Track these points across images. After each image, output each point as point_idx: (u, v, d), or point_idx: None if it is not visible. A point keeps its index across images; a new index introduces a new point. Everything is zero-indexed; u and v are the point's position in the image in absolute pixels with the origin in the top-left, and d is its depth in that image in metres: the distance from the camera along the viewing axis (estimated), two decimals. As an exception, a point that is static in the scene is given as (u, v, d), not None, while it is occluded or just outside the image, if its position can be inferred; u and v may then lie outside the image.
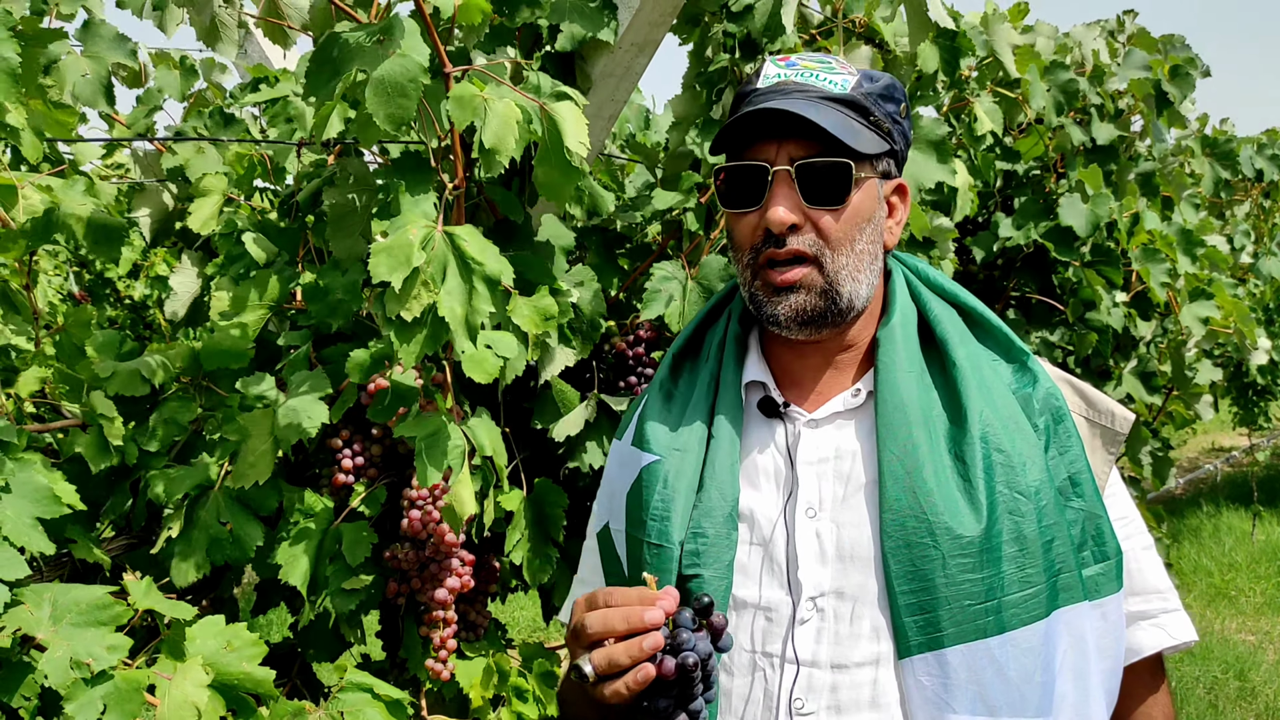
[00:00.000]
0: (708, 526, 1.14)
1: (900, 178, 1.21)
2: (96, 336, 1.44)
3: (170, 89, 1.86)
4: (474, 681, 1.68)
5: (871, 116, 1.14)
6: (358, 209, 1.56)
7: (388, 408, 1.46)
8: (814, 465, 1.15)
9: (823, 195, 1.11)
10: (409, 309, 1.27)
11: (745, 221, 1.15)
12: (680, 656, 0.96)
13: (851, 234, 1.13)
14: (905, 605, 1.05)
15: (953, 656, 1.04)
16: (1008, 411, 1.12)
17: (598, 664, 0.97)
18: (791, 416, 1.19)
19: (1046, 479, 1.10)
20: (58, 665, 1.07)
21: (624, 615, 0.98)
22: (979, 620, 1.04)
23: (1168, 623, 1.19)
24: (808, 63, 1.17)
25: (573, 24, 1.65)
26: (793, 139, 1.11)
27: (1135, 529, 1.19)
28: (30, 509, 1.18)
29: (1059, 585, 1.07)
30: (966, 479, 1.08)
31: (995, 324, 1.20)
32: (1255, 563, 6.63)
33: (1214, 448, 11.55)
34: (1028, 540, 1.06)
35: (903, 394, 1.12)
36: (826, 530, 1.12)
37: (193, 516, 1.46)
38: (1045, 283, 3.04)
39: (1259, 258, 5.16)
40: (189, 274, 1.81)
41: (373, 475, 1.62)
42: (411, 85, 1.21)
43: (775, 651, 1.10)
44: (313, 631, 1.72)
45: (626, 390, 1.83)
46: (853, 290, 1.14)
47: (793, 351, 1.21)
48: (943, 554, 1.05)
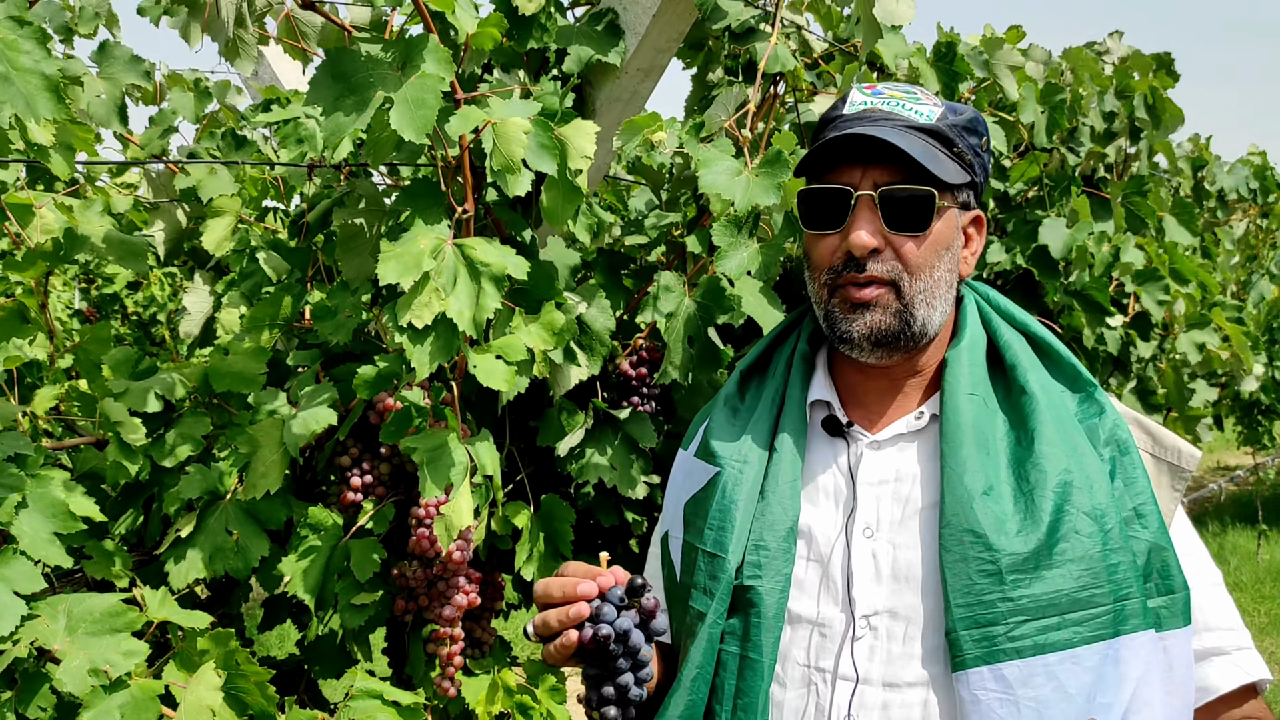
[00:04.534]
0: (769, 539, 1.17)
1: (977, 209, 1.23)
2: (113, 354, 1.46)
3: (184, 110, 1.89)
4: (480, 698, 1.69)
5: (955, 148, 1.17)
6: (367, 230, 1.59)
7: (398, 429, 1.49)
8: (874, 486, 1.17)
9: (905, 221, 1.14)
10: (419, 316, 1.29)
11: (826, 243, 1.18)
12: (596, 627, 1.02)
13: (931, 261, 1.15)
14: (961, 619, 1.06)
15: (1009, 671, 1.04)
16: (1074, 438, 1.13)
17: (536, 625, 1.06)
18: (854, 437, 1.21)
19: (1112, 505, 1.10)
20: (76, 674, 1.09)
21: (561, 585, 1.05)
22: (1037, 636, 1.05)
23: (1243, 660, 1.17)
24: (894, 92, 1.20)
25: (580, 47, 1.68)
26: (877, 165, 1.14)
27: (1203, 565, 1.18)
28: (48, 524, 1.20)
29: (1126, 611, 1.07)
30: (1029, 497, 1.09)
31: (1063, 354, 1.21)
32: (1260, 582, 6.61)
33: (1219, 466, 11.53)
34: (1091, 560, 1.06)
35: (966, 415, 1.14)
36: (883, 550, 1.14)
37: (202, 523, 1.48)
38: (1038, 305, 3.06)
39: (1253, 277, 5.17)
40: (202, 293, 1.83)
41: (381, 493, 1.64)
42: (431, 97, 1.24)
43: (828, 667, 1.13)
44: (319, 648, 1.73)
45: (629, 408, 1.85)
46: (926, 316, 1.16)
47: (860, 373, 1.23)
48: (999, 569, 1.06)
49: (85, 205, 1.50)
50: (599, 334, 1.74)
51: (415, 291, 1.27)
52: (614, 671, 1.05)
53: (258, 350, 1.54)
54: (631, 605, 1.05)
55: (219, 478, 1.50)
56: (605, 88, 1.76)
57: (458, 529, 1.41)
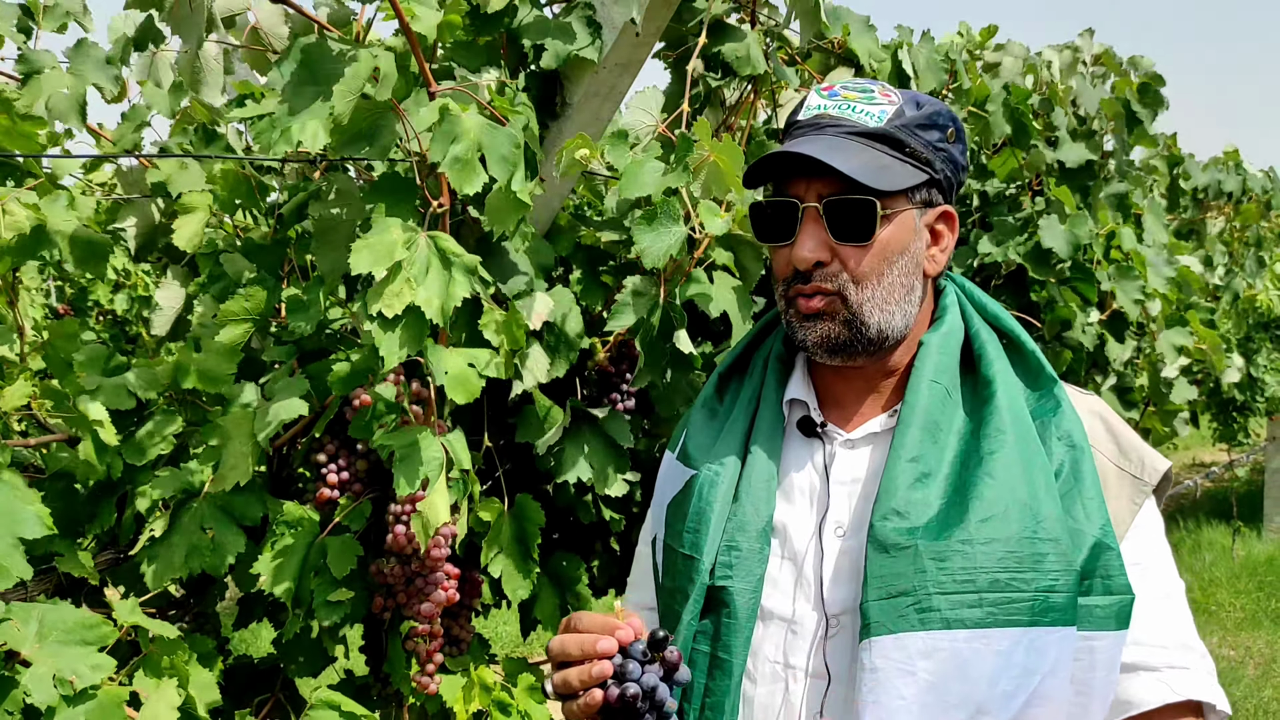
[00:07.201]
0: (741, 540, 1.17)
1: (946, 205, 1.22)
2: (83, 350, 1.45)
3: (159, 105, 1.87)
4: (457, 696, 1.69)
5: (907, 148, 1.16)
6: (342, 224, 1.57)
7: (369, 423, 1.47)
8: (846, 485, 1.18)
9: (850, 231, 1.14)
10: (390, 305, 1.28)
11: (779, 254, 1.19)
12: (623, 686, 0.99)
13: (880, 268, 1.15)
14: (874, 589, 1.06)
15: (912, 641, 1.04)
16: (1025, 431, 1.13)
17: (556, 684, 1.03)
18: (829, 436, 1.21)
19: (1052, 496, 1.10)
20: (41, 682, 1.07)
21: (579, 642, 1.02)
22: (948, 611, 1.05)
23: (1173, 679, 1.12)
24: (850, 92, 1.19)
25: (556, 41, 1.67)
26: (821, 176, 1.14)
27: (1157, 578, 1.15)
28: (11, 529, 1.18)
29: (1049, 603, 1.06)
30: (966, 482, 1.10)
31: (1030, 349, 1.21)
32: (1236, 578, 6.68)
33: (1194, 463, 11.63)
34: (1017, 544, 1.06)
35: (922, 400, 1.14)
36: (850, 549, 1.14)
37: (176, 521, 1.47)
38: (1024, 299, 3.08)
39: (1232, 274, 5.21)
40: (174, 290, 1.82)
41: (358, 490, 1.62)
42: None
43: (798, 664, 1.13)
44: (295, 646, 1.72)
45: (608, 406, 1.84)
46: (882, 320, 1.16)
47: (834, 373, 1.24)
48: (916, 545, 1.06)
49: (50, 200, 1.48)
50: (569, 335, 1.73)
51: (387, 281, 1.27)
52: None
53: (229, 349, 1.52)
54: (654, 659, 1.02)
55: (192, 474, 1.48)
56: (583, 83, 1.75)
57: (434, 526, 1.40)
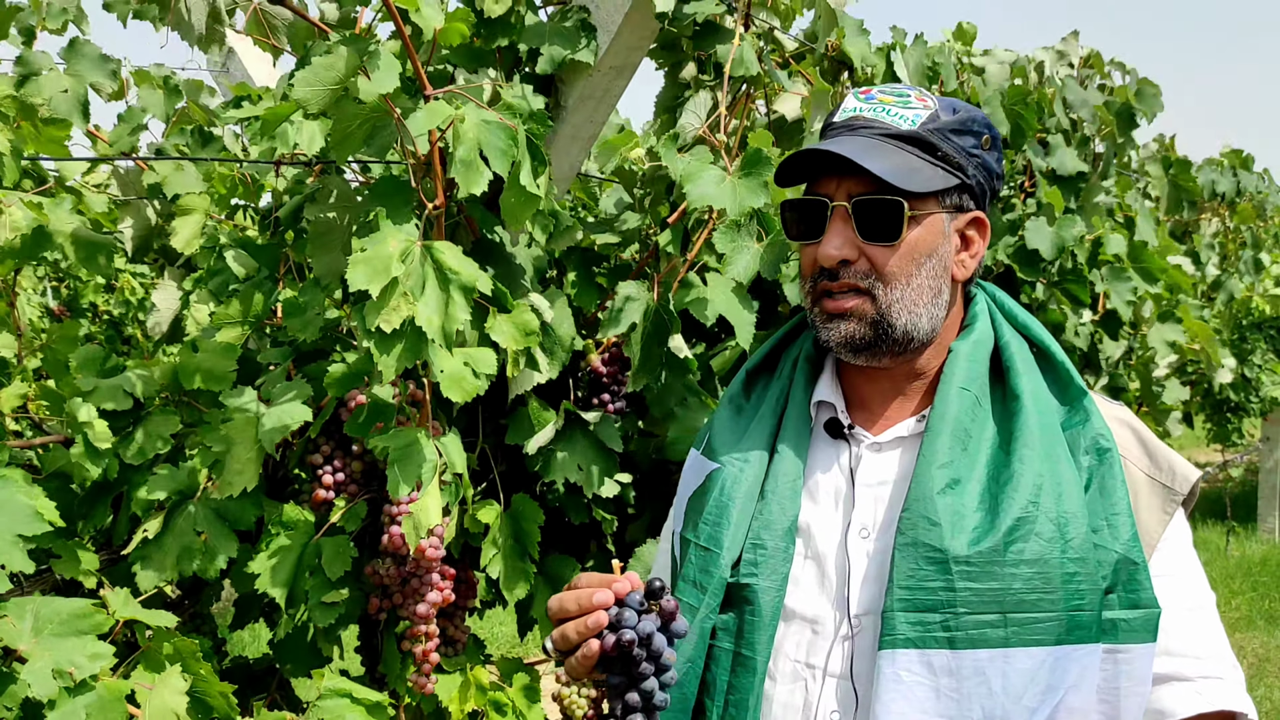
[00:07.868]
0: (767, 538, 1.17)
1: (977, 211, 1.22)
2: (79, 352, 1.45)
3: (155, 108, 1.88)
4: (453, 695, 1.69)
5: (939, 152, 1.17)
6: (339, 226, 1.58)
7: (365, 423, 1.48)
8: (872, 488, 1.19)
9: (877, 231, 1.15)
10: (388, 320, 1.29)
11: (807, 252, 1.21)
12: (618, 634, 1.00)
13: (907, 269, 1.16)
14: (899, 599, 1.07)
15: (937, 659, 1.05)
16: (1054, 445, 1.13)
17: (555, 640, 1.04)
18: (856, 438, 1.22)
19: (1080, 513, 1.09)
20: (40, 675, 1.08)
21: (576, 596, 1.04)
22: (973, 630, 1.06)
23: (1207, 689, 1.12)
24: (885, 96, 1.20)
25: (552, 46, 1.68)
26: (852, 176, 1.15)
27: (1187, 589, 1.16)
28: (12, 525, 1.19)
29: (1076, 621, 1.07)
30: (996, 497, 1.10)
31: (1060, 359, 1.22)
32: (1230, 578, 6.70)
33: (1189, 464, 11.64)
34: (1046, 565, 1.06)
35: (951, 408, 1.15)
36: (874, 552, 1.15)
37: (170, 523, 1.47)
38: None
39: (1226, 275, 5.23)
40: (170, 291, 1.82)
41: (353, 491, 1.63)
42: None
43: (817, 664, 1.14)
44: (291, 646, 1.73)
45: (599, 408, 1.85)
46: (909, 322, 1.17)
47: (863, 376, 1.24)
48: (947, 559, 1.06)
49: (55, 203, 1.49)
50: (561, 337, 1.74)
51: (384, 297, 1.28)
52: (638, 677, 1.03)
53: (228, 347, 1.53)
54: (651, 608, 1.03)
55: (188, 476, 1.49)
56: (578, 86, 1.76)
57: (426, 527, 1.41)
